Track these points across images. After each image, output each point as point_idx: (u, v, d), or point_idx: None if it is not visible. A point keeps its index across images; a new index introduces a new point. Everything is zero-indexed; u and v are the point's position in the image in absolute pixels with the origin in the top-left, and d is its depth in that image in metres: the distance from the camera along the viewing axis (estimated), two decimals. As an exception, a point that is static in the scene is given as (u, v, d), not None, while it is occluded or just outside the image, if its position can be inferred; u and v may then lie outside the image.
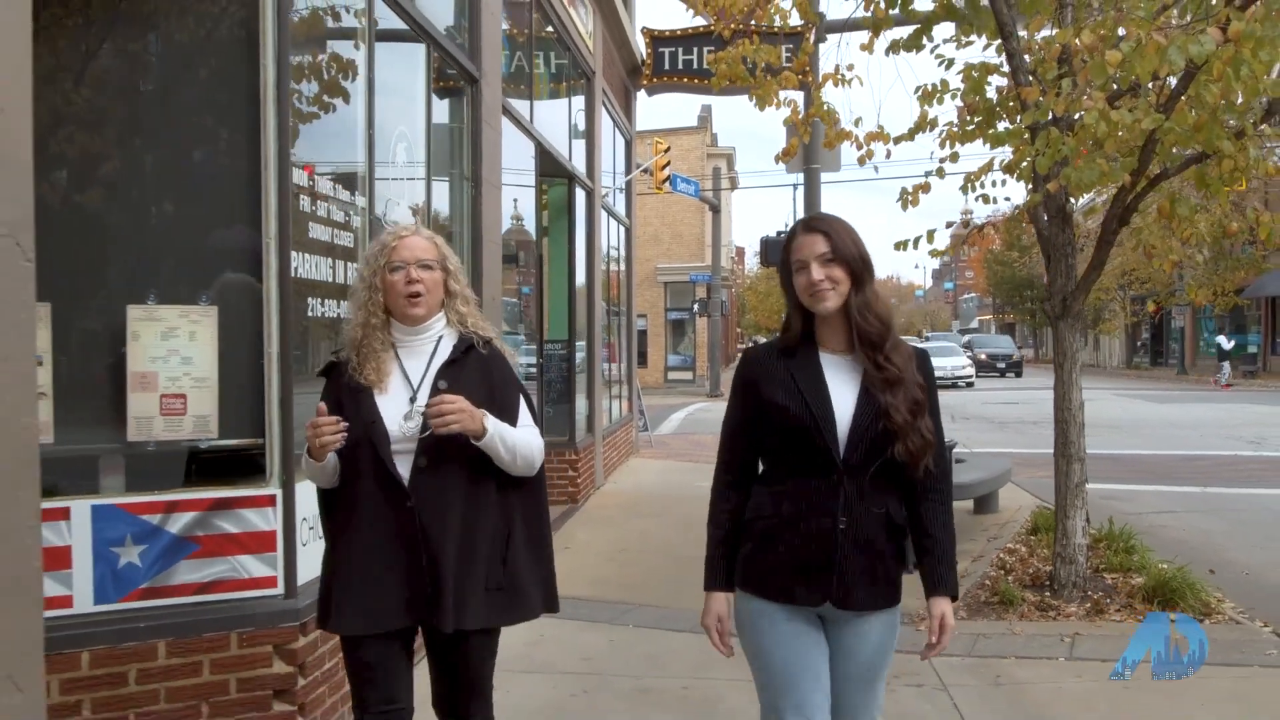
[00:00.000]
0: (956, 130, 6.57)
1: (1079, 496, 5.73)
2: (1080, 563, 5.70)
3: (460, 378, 2.62)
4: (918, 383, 2.42)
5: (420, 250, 2.64)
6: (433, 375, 2.62)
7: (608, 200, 11.60)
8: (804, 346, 2.48)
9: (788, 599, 2.42)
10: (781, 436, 2.43)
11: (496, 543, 2.62)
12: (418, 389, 2.61)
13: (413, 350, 2.67)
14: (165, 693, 3.41)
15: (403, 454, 2.56)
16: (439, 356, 2.66)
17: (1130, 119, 4.74)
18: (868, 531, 2.40)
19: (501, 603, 2.63)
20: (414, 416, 2.56)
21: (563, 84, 9.56)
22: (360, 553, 2.57)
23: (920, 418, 2.40)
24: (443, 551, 2.53)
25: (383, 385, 2.60)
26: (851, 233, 2.45)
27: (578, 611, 5.61)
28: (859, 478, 2.38)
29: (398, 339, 2.67)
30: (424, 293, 2.61)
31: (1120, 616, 5.40)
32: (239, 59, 3.59)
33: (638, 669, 4.82)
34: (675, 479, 11.07)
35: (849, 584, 2.39)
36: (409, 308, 2.62)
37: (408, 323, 2.65)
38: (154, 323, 3.48)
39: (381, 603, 2.55)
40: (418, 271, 2.61)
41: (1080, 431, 5.79)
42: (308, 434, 2.51)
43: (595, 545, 7.61)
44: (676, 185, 20.96)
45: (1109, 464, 11.84)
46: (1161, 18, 5.37)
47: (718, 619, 2.52)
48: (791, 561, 2.41)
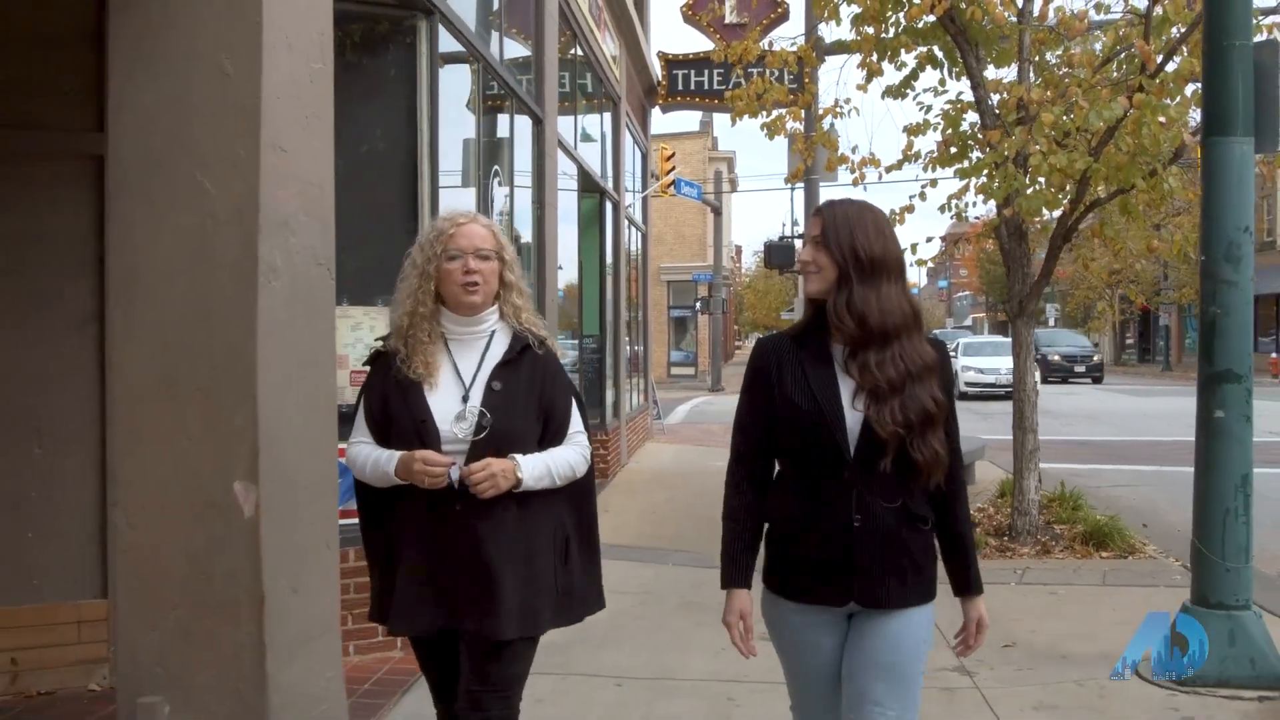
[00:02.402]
0: (936, 156, 7.89)
1: (1033, 461, 7.06)
2: (1033, 515, 7.05)
3: (513, 379, 2.56)
4: (932, 394, 2.30)
5: (479, 239, 2.56)
6: (485, 373, 2.54)
7: (630, 210, 12.93)
8: (815, 336, 2.38)
9: (811, 599, 2.37)
10: (793, 431, 2.35)
11: (556, 545, 2.58)
12: (470, 387, 2.53)
13: (464, 344, 2.59)
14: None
15: (454, 454, 2.48)
16: (492, 353, 2.58)
17: (1066, 161, 6.08)
18: (886, 527, 2.31)
19: (564, 607, 2.60)
20: (467, 418, 2.48)
21: (594, 106, 10.87)
22: (408, 556, 2.52)
23: (930, 431, 2.28)
24: (496, 556, 2.47)
25: (433, 380, 2.51)
26: (855, 225, 2.32)
27: (627, 555, 6.96)
28: (872, 474, 2.28)
29: (448, 329, 2.59)
30: (481, 283, 2.54)
31: (1063, 555, 6.76)
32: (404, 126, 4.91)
33: (682, 591, 6.15)
34: (689, 459, 12.42)
35: (872, 582, 2.32)
36: (465, 295, 2.53)
37: (462, 312, 2.57)
38: (345, 319, 4.77)
39: (430, 606, 2.50)
40: (476, 262, 2.53)
41: (1034, 409, 7.13)
42: (417, 468, 2.44)
43: (630, 509, 8.95)
44: (680, 189, 22.21)
45: (1079, 448, 13.23)
46: (1102, 72, 6.74)
47: (740, 616, 2.42)
48: (812, 562, 2.35)
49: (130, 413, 3.13)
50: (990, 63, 7.35)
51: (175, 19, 3.07)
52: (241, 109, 3.02)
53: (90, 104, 4.24)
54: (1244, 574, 4.28)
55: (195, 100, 3.05)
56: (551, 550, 2.56)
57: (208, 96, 3.04)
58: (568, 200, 8.91)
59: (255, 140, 3.02)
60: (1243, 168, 4.22)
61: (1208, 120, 4.32)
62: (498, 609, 2.46)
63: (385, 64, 4.88)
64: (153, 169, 3.08)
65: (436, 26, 4.93)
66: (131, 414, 3.12)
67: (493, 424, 2.47)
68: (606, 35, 10.95)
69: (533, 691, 4.36)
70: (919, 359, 2.30)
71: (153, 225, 3.07)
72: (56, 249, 4.25)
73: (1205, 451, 4.37)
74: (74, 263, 4.28)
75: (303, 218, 3.22)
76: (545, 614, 2.54)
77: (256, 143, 3.02)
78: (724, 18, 13.88)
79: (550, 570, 2.55)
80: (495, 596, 2.46)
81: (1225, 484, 4.27)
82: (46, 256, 4.26)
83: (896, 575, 2.33)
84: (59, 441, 4.24)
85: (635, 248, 14.05)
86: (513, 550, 2.49)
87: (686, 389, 29.59)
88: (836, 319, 2.30)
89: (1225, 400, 4.26)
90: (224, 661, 3.08)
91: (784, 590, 2.40)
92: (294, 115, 3.20)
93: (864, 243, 2.30)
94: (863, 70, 7.33)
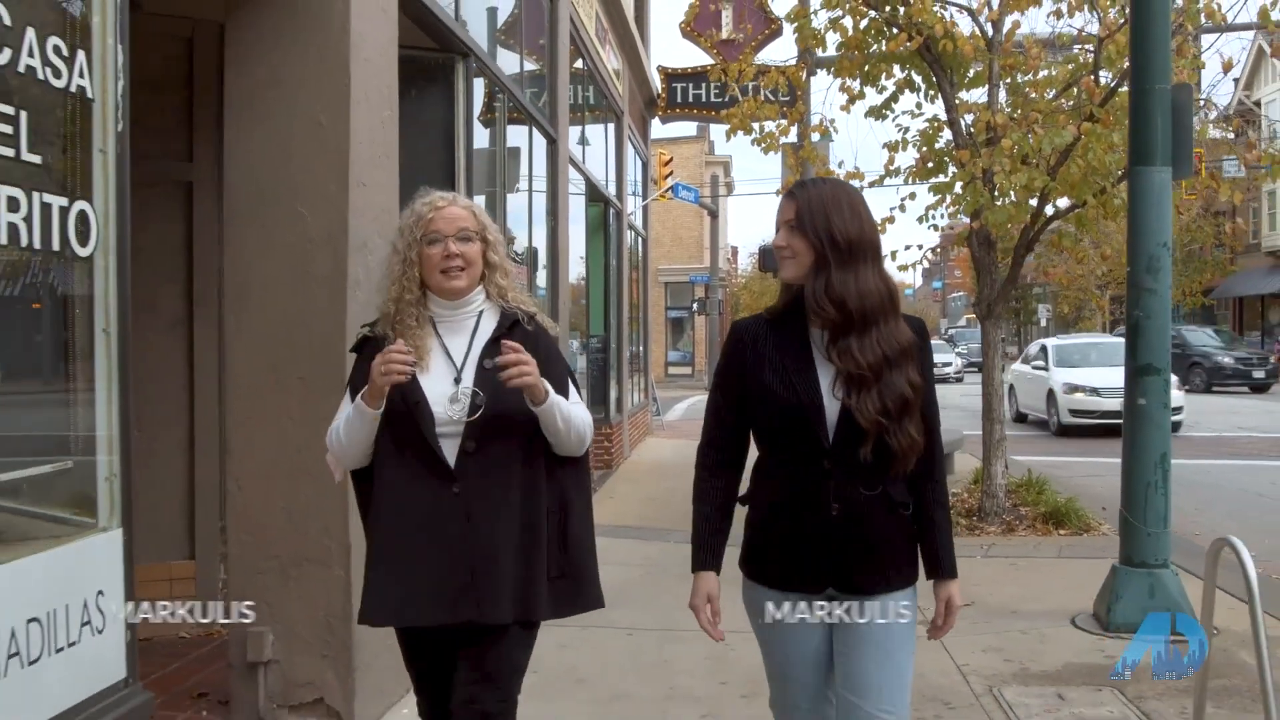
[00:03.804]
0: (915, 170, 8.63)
1: (1000, 449, 7.81)
2: (1000, 497, 7.80)
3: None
4: (909, 378, 2.26)
5: (460, 220, 2.49)
6: (476, 353, 2.49)
7: (631, 217, 13.68)
8: (791, 320, 2.33)
9: (789, 586, 2.34)
10: (769, 418, 2.33)
11: (554, 528, 2.52)
12: (462, 368, 2.48)
13: (453, 326, 2.53)
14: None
15: (448, 437, 2.42)
16: (481, 333, 2.52)
17: (1027, 179, 6.83)
18: (864, 514, 2.28)
19: (568, 591, 2.54)
20: (460, 398, 2.43)
21: (599, 117, 11.62)
22: (401, 542, 2.43)
23: (907, 417, 2.25)
24: (495, 540, 2.42)
25: (423, 364, 2.45)
26: (830, 207, 2.27)
27: (633, 534, 7.71)
28: (850, 461, 2.25)
29: (436, 313, 2.53)
30: (464, 265, 2.48)
31: (1026, 533, 7.51)
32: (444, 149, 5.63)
33: (681, 564, 6.76)
34: (687, 453, 12.87)
35: (850, 569, 2.30)
36: (448, 280, 2.48)
37: (447, 296, 2.51)
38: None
39: (422, 594, 2.41)
40: (457, 245, 2.47)
41: (1001, 402, 7.88)
42: (375, 369, 2.35)
43: (633, 495, 9.69)
44: (678, 193, 22.96)
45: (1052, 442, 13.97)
46: (1065, 95, 7.50)
47: (707, 599, 2.40)
48: (789, 548, 2.32)
49: (242, 399, 3.87)
50: (963, 88, 8.10)
51: (280, 80, 3.80)
52: (333, 152, 3.76)
53: (182, 138, 4.97)
54: (1163, 538, 5.02)
55: (295, 145, 3.79)
56: (548, 534, 2.50)
57: (305, 142, 3.78)
58: (575, 209, 9.65)
59: (344, 177, 3.76)
60: (1162, 192, 4.97)
61: (1133, 151, 5.06)
62: (496, 592, 2.40)
63: (430, 99, 5.61)
64: (261, 200, 3.81)
65: (471, 65, 5.66)
66: (243, 400, 3.86)
67: (487, 402, 2.42)
68: (610, 52, 11.69)
69: (555, 639, 5.11)
70: (896, 342, 2.26)
71: (261, 246, 3.81)
72: (152, 262, 4.96)
73: (1130, 434, 5.12)
74: (166, 274, 5.01)
75: (377, 239, 3.95)
76: (543, 598, 2.48)
77: (345, 179, 3.76)
78: (721, 34, 14.61)
79: (545, 555, 2.49)
80: (494, 580, 2.41)
81: (1147, 462, 5.02)
82: (143, 268, 4.94)
83: (875, 561, 2.31)
84: (154, 426, 4.96)
85: (636, 252, 14.80)
86: (510, 533, 2.43)
87: (683, 387, 30.30)
88: (816, 305, 2.25)
89: (1146, 390, 5.01)
90: (316, 598, 3.82)
91: (762, 577, 2.38)
92: (371, 155, 3.94)
93: (840, 226, 2.24)
94: (844, 95, 8.07)
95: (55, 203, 2.34)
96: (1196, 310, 39.49)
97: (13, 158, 2.19)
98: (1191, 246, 36.62)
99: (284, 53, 3.80)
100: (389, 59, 4.16)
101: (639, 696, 4.43)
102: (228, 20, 3.88)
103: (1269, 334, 36.11)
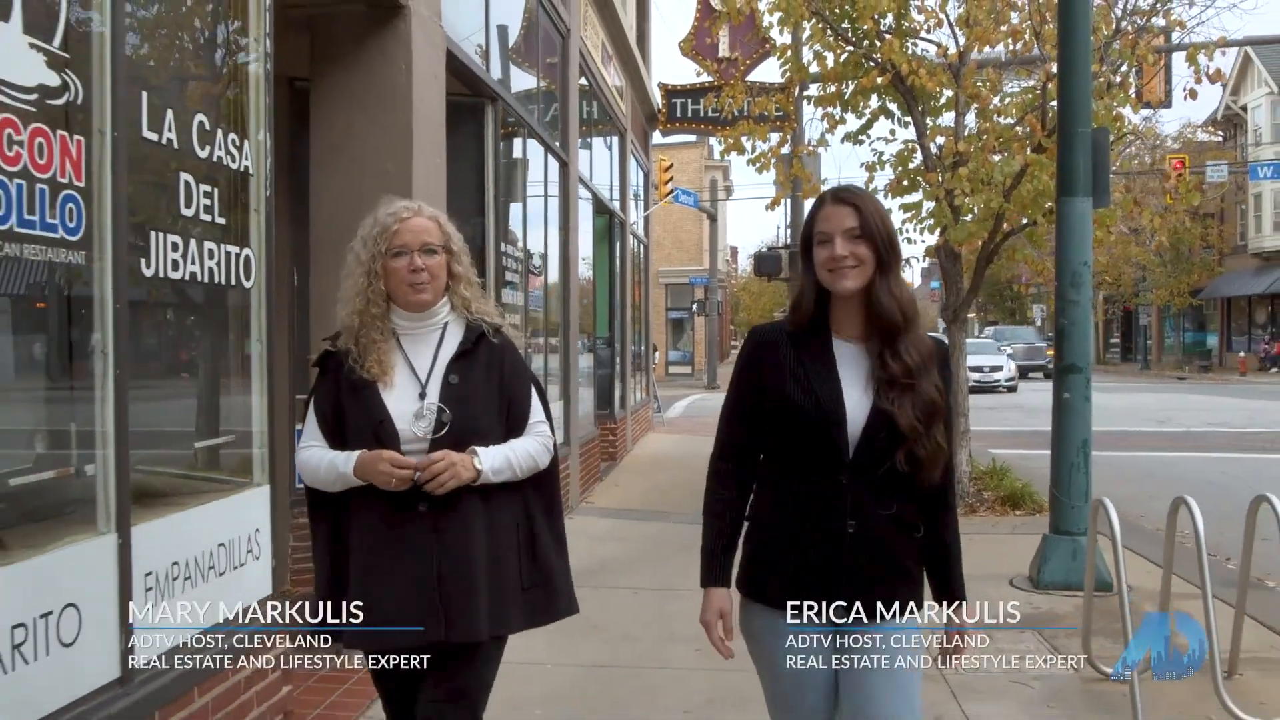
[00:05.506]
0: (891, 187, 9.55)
1: (964, 440, 8.76)
2: (964, 484, 8.74)
3: (470, 371, 2.48)
4: (935, 385, 2.22)
5: (425, 233, 2.46)
6: (441, 367, 2.46)
7: (634, 226, 14.63)
8: (816, 331, 2.27)
9: (794, 608, 2.23)
10: (787, 429, 2.24)
11: (523, 540, 2.50)
12: (426, 383, 2.44)
13: (417, 339, 2.49)
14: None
15: (414, 454, 2.37)
16: (446, 346, 2.49)
17: (984, 200, 7.77)
18: (878, 534, 2.21)
19: (539, 602, 2.51)
20: (425, 415, 2.40)
21: (603, 130, 12.56)
22: (369, 561, 2.39)
23: (935, 424, 2.20)
24: (466, 556, 2.38)
25: (387, 379, 2.41)
26: (882, 211, 2.25)
27: (635, 516, 8.66)
28: (868, 478, 2.19)
29: (399, 326, 2.49)
30: (429, 279, 2.44)
31: (985, 514, 8.46)
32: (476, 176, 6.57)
33: (680, 539, 7.79)
34: (687, 447, 14.11)
35: (861, 590, 2.21)
36: (413, 295, 2.44)
37: (412, 309, 2.48)
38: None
39: (393, 615, 2.35)
40: (422, 258, 2.43)
41: (966, 398, 8.83)
42: (383, 468, 2.32)
43: (637, 484, 10.64)
44: (678, 197, 23.90)
45: (1032, 438, 14.89)
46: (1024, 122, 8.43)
47: (719, 615, 2.32)
48: (796, 568, 2.23)
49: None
50: (933, 114, 9.03)
51: (353, 133, 4.73)
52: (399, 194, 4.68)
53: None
54: (1083, 510, 5.95)
55: (366, 192, 4.71)
56: (517, 546, 2.48)
57: (375, 189, 4.69)
58: (584, 221, 10.60)
59: (407, 216, 4.68)
60: (1083, 219, 5.90)
61: (1059, 184, 5.99)
62: (469, 610, 2.37)
63: (464, 133, 6.56)
64: (340, 245, 4.72)
65: (499, 106, 6.59)
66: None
67: (453, 419, 2.40)
68: (613, 72, 12.62)
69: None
70: (928, 344, 2.25)
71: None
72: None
73: (1057, 423, 6.06)
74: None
75: (431, 263, 4.88)
76: (514, 611, 2.46)
77: (408, 218, 4.69)
78: (718, 53, 15.55)
79: (517, 567, 2.47)
80: (466, 597, 2.37)
81: (1071, 446, 5.95)
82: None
83: (883, 583, 2.23)
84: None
85: (638, 257, 15.76)
86: (479, 548, 2.40)
87: (683, 386, 31.08)
88: (884, 312, 2.20)
89: (1070, 385, 5.95)
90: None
91: (763, 597, 2.29)
92: (428, 193, 4.87)
93: (892, 228, 2.25)
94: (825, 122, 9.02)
95: (233, 251, 3.26)
96: (1185, 311, 40.35)
97: (209, 222, 3.12)
98: (1179, 248, 37.53)
99: (358, 112, 4.73)
100: (440, 115, 5.09)
101: (643, 638, 5.37)
102: (312, 84, 4.81)
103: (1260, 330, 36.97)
